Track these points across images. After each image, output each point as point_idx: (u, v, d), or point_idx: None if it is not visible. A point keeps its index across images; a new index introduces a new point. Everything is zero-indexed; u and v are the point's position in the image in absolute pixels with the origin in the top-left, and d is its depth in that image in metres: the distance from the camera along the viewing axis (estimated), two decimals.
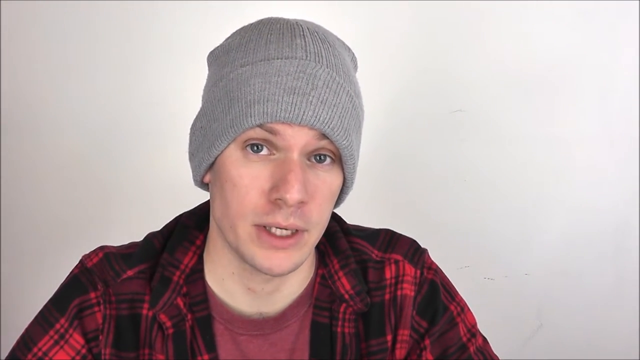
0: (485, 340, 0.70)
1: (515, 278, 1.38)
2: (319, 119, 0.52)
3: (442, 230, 1.34)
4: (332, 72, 0.55)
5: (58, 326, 0.61)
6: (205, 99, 0.59)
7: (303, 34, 0.55)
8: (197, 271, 0.64)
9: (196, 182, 0.62)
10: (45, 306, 0.63)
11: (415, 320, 0.67)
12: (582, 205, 1.36)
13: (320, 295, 0.65)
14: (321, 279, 0.66)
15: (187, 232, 0.65)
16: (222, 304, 0.63)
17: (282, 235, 0.54)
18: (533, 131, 1.32)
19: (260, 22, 0.58)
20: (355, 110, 0.57)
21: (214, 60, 0.60)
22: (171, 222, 0.68)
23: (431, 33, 1.28)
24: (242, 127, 0.53)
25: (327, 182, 0.56)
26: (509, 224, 1.36)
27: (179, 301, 0.62)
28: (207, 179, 0.60)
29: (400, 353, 0.66)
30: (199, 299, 0.63)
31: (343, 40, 0.62)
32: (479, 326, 0.70)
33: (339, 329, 0.64)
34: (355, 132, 0.57)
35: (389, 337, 0.66)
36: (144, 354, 0.62)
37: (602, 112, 1.32)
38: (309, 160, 0.55)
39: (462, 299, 0.70)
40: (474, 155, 1.33)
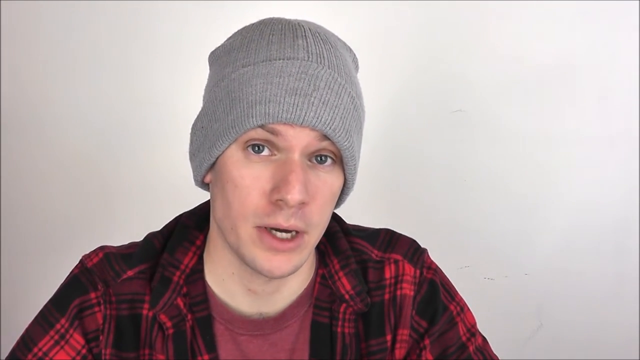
0: (484, 340, 0.70)
1: (515, 278, 1.38)
2: (320, 119, 0.52)
3: (442, 230, 1.34)
4: (333, 73, 0.55)
5: (58, 326, 0.61)
6: (206, 99, 0.59)
7: (305, 35, 0.55)
8: (197, 271, 0.64)
9: (197, 182, 0.62)
10: (45, 306, 0.63)
11: (414, 320, 0.67)
12: (582, 205, 1.36)
13: (320, 295, 0.65)
14: (321, 279, 0.66)
15: (187, 232, 0.65)
16: (222, 304, 0.63)
17: (282, 237, 0.55)
18: (533, 131, 1.32)
19: (262, 22, 0.58)
20: (356, 111, 0.57)
21: (215, 60, 0.60)
22: (171, 222, 0.68)
23: (431, 33, 1.28)
24: (243, 127, 0.53)
25: (328, 183, 0.56)
26: (509, 224, 1.36)
27: (179, 301, 0.62)
28: (207, 179, 0.60)
29: (399, 353, 0.66)
30: (199, 299, 0.63)
31: (344, 40, 0.62)
32: (478, 326, 0.70)
33: (339, 329, 0.64)
34: (356, 133, 0.57)
35: (389, 337, 0.66)
36: (144, 354, 0.62)
37: (602, 112, 1.32)
38: (310, 161, 0.55)
39: (462, 298, 0.70)
40: (474, 155, 1.33)
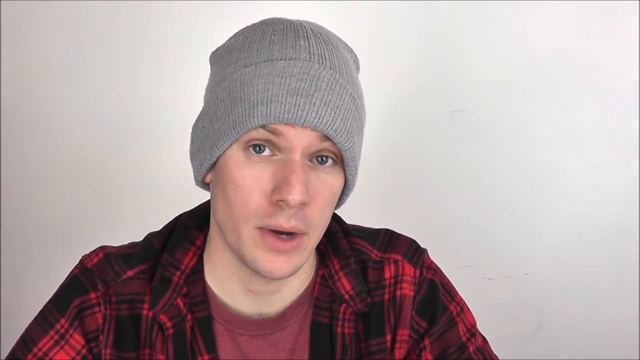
0: (484, 340, 0.70)
1: (515, 278, 1.39)
2: (321, 120, 0.52)
3: (442, 230, 1.34)
4: (335, 73, 0.55)
5: (58, 326, 0.61)
6: (207, 98, 0.59)
7: (307, 35, 0.55)
8: (197, 272, 0.64)
9: (197, 181, 0.62)
10: (45, 306, 0.63)
11: (414, 320, 0.67)
12: (582, 205, 1.36)
13: (320, 295, 0.65)
14: (321, 280, 0.66)
15: (187, 232, 0.65)
16: (222, 304, 0.63)
17: (283, 237, 0.54)
18: (533, 131, 1.32)
19: (264, 23, 0.58)
20: (357, 112, 0.57)
21: (216, 60, 0.60)
22: (171, 222, 0.68)
23: (431, 33, 1.28)
24: (244, 127, 0.53)
25: (328, 184, 0.56)
26: (509, 224, 1.36)
27: (179, 301, 0.62)
28: (208, 178, 0.60)
29: (399, 353, 0.66)
30: (199, 299, 0.63)
31: (344, 41, 0.62)
32: (478, 326, 0.70)
33: (339, 329, 0.64)
34: (357, 134, 0.57)
35: (388, 337, 0.66)
36: (144, 354, 0.62)
37: (602, 112, 1.32)
38: (310, 161, 0.55)
39: (462, 298, 0.70)
40: (474, 155, 1.33)
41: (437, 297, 0.67)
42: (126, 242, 0.68)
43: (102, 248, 0.65)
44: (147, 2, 1.22)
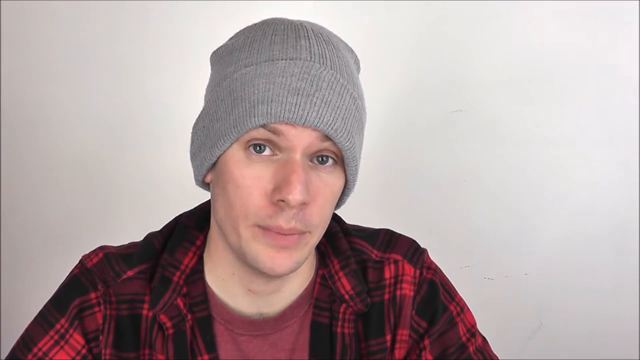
0: (484, 340, 0.70)
1: (515, 278, 1.38)
2: (322, 120, 0.52)
3: (442, 230, 1.34)
4: (336, 73, 0.55)
5: (58, 326, 0.61)
6: (207, 98, 0.59)
7: (307, 35, 0.55)
8: (197, 271, 0.64)
9: (197, 181, 0.62)
10: (45, 306, 0.63)
11: (414, 320, 0.67)
12: (582, 205, 1.36)
13: (320, 295, 0.65)
14: (321, 280, 0.66)
15: (187, 232, 0.65)
16: (222, 304, 0.63)
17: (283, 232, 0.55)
18: (533, 131, 1.32)
19: (265, 23, 0.58)
20: (358, 112, 0.57)
21: (217, 59, 0.60)
22: (171, 222, 0.68)
23: (431, 33, 1.28)
24: (245, 127, 0.53)
25: (329, 184, 0.56)
26: (509, 224, 1.36)
27: (179, 301, 0.62)
28: (208, 178, 0.60)
29: (399, 353, 0.66)
30: (199, 299, 0.63)
31: (345, 41, 0.62)
32: (478, 326, 0.70)
33: (339, 329, 0.64)
34: (357, 134, 0.57)
35: (388, 337, 0.66)
36: (144, 354, 0.61)
37: (602, 112, 1.32)
38: (311, 161, 0.55)
39: (462, 298, 0.70)
40: (474, 155, 1.33)
41: (437, 297, 0.67)
42: (126, 242, 0.68)
43: (102, 248, 0.65)
44: (148, 2, 1.22)
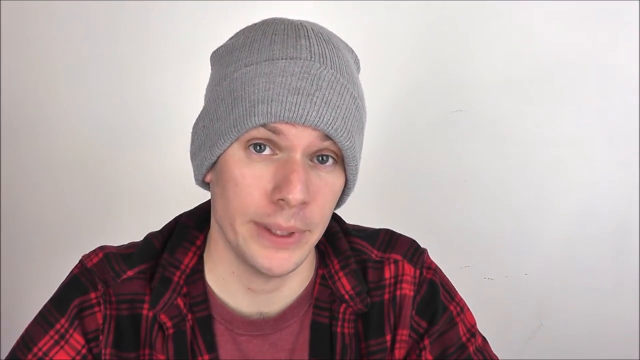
0: (484, 340, 0.70)
1: (515, 278, 1.39)
2: (322, 119, 0.52)
3: (442, 230, 1.34)
4: (336, 73, 0.55)
5: (58, 326, 0.61)
6: (208, 98, 0.59)
7: (307, 35, 0.55)
8: (198, 271, 0.64)
9: (197, 181, 0.62)
10: (45, 306, 0.63)
11: (414, 320, 0.67)
12: (582, 205, 1.36)
13: (320, 295, 0.65)
14: (321, 279, 0.66)
15: (187, 232, 0.65)
16: (223, 304, 0.63)
17: (282, 234, 0.55)
18: (533, 131, 1.32)
19: (265, 23, 0.58)
20: (358, 111, 0.57)
21: (217, 59, 0.60)
22: (171, 222, 0.68)
23: (431, 33, 1.29)
24: (245, 126, 0.53)
25: (329, 183, 0.56)
26: (509, 224, 1.36)
27: (179, 301, 0.62)
28: (208, 178, 0.60)
29: (399, 353, 0.66)
30: (199, 299, 0.63)
31: (345, 41, 0.62)
32: (478, 326, 0.70)
33: (339, 329, 0.64)
34: (358, 133, 0.57)
35: (388, 337, 0.66)
36: (145, 354, 0.61)
37: (602, 112, 1.32)
38: (311, 161, 0.55)
39: (462, 298, 0.70)
40: (474, 155, 1.33)
41: (437, 297, 0.67)
42: (126, 242, 0.68)
43: (102, 248, 0.65)
44: (148, 2, 1.22)
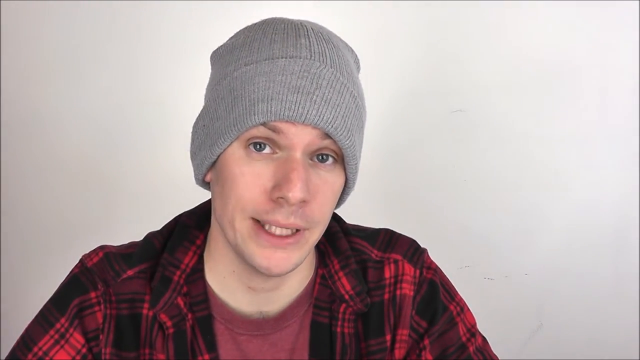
0: (484, 340, 0.70)
1: (515, 278, 1.38)
2: (322, 118, 0.52)
3: (442, 230, 1.34)
4: (336, 72, 0.55)
5: (58, 326, 0.61)
6: (208, 97, 0.60)
7: (307, 34, 0.56)
8: (198, 271, 0.64)
9: (198, 180, 0.62)
10: (45, 306, 0.63)
11: (414, 320, 0.67)
12: (582, 205, 1.36)
13: (320, 295, 0.65)
14: (321, 279, 0.66)
15: (187, 231, 0.65)
16: (223, 303, 0.63)
17: (281, 234, 0.55)
18: (533, 131, 1.32)
19: (265, 22, 0.58)
20: (358, 110, 0.57)
21: (217, 59, 0.60)
22: (171, 221, 0.68)
23: (431, 33, 1.29)
24: (245, 125, 0.53)
25: (329, 182, 0.56)
26: (509, 224, 1.36)
27: (180, 301, 0.62)
28: (208, 177, 0.60)
29: (399, 353, 0.66)
30: (199, 298, 0.63)
31: (345, 41, 0.62)
32: (478, 326, 0.70)
33: (339, 329, 0.64)
34: (358, 132, 0.57)
35: (388, 337, 0.66)
36: (145, 354, 0.62)
37: (601, 111, 1.32)
38: (311, 159, 0.55)
39: (462, 298, 0.70)
40: (474, 155, 1.33)
41: (437, 297, 0.67)
42: (124, 242, 0.68)
43: (102, 247, 0.65)
44: (143, 2, 1.22)
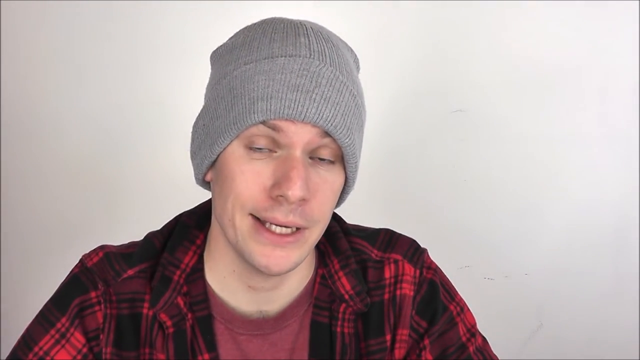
0: (484, 340, 0.70)
1: (515, 278, 1.38)
2: (321, 116, 0.52)
3: (442, 230, 1.34)
4: (335, 70, 0.55)
5: (59, 325, 0.61)
6: (208, 97, 0.60)
7: (307, 33, 0.56)
8: (198, 270, 0.64)
9: (198, 180, 0.62)
10: (45, 306, 0.63)
11: (414, 320, 0.67)
12: (582, 205, 1.36)
13: (320, 295, 0.65)
14: (321, 279, 0.66)
15: (188, 231, 0.66)
16: (223, 303, 0.63)
17: (281, 232, 0.55)
18: (533, 131, 1.32)
19: (264, 22, 0.58)
20: (357, 109, 0.57)
21: (217, 58, 0.60)
22: (171, 221, 0.68)
23: (431, 33, 1.29)
24: (245, 123, 0.53)
25: (328, 181, 0.56)
26: (509, 223, 1.36)
27: (180, 300, 0.62)
28: (208, 177, 0.61)
29: (399, 353, 0.66)
30: (199, 298, 0.63)
31: (344, 40, 0.62)
32: (478, 326, 0.70)
33: (339, 329, 0.64)
34: (357, 131, 0.57)
35: (388, 337, 0.66)
36: (145, 353, 0.62)
37: (601, 112, 1.32)
38: (311, 158, 0.55)
39: (462, 298, 0.70)
40: (474, 155, 1.33)
41: (437, 297, 0.68)
42: (123, 242, 0.68)
43: (102, 247, 0.66)
44: (143, 2, 1.22)
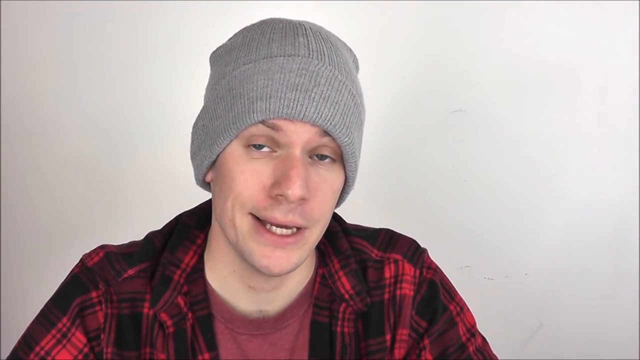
0: (484, 340, 0.70)
1: (515, 278, 1.39)
2: (321, 115, 0.52)
3: (442, 230, 1.34)
4: (334, 70, 0.55)
5: (60, 325, 0.61)
6: (207, 97, 0.60)
7: (305, 33, 0.56)
8: (198, 270, 0.64)
9: (198, 180, 0.62)
10: (46, 305, 0.63)
11: (414, 320, 0.67)
12: (582, 205, 1.36)
13: (320, 294, 0.66)
14: (321, 279, 0.66)
15: (188, 231, 0.66)
16: (223, 303, 0.63)
17: (282, 234, 0.55)
18: (533, 131, 1.33)
19: (263, 22, 0.59)
20: (357, 108, 0.57)
21: (216, 59, 0.60)
22: (171, 221, 0.68)
23: (431, 33, 1.29)
24: (244, 123, 0.53)
25: (328, 180, 0.56)
26: (509, 223, 1.36)
27: (180, 300, 0.62)
28: (208, 177, 0.61)
29: (399, 352, 0.66)
30: (199, 298, 0.63)
31: (344, 40, 0.63)
32: (478, 326, 0.70)
33: (339, 329, 0.64)
34: (357, 130, 0.57)
35: (388, 337, 0.66)
36: (145, 353, 0.62)
37: (601, 112, 1.32)
38: (310, 158, 0.55)
39: (462, 298, 0.70)
40: (474, 155, 1.33)
41: (437, 297, 0.68)
42: (123, 242, 0.68)
43: (102, 247, 0.66)
44: (143, 2, 1.22)
